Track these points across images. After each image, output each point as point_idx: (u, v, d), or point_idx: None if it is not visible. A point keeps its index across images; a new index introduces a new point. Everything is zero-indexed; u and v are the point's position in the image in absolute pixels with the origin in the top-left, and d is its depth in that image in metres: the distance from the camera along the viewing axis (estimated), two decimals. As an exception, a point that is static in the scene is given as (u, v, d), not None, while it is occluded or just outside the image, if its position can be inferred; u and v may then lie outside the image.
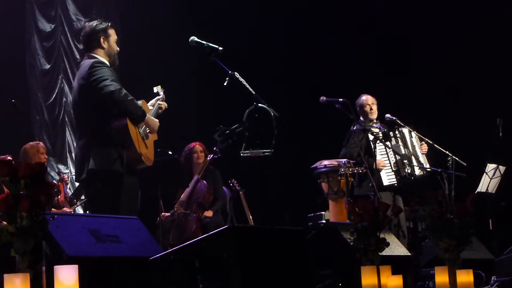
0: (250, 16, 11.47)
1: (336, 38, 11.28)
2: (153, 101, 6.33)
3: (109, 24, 6.10)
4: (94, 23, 6.11)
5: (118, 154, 5.71)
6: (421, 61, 11.01)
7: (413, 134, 8.39)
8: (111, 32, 6.06)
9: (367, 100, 8.40)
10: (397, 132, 8.30)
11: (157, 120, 6.11)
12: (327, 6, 11.43)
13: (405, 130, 8.36)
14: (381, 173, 8.10)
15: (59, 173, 10.22)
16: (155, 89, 6.45)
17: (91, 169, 5.68)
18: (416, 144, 8.41)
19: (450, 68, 10.76)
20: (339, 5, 11.42)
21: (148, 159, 5.92)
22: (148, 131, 6.04)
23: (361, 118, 8.38)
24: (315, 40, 11.54)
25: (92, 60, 5.89)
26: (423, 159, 8.38)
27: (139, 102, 5.95)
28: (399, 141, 8.27)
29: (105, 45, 6.01)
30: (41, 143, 8.38)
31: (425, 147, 8.39)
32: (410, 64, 11.03)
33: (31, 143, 8.20)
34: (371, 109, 8.35)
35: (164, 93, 6.45)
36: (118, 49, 6.11)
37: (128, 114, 5.78)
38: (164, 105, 6.33)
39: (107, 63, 5.96)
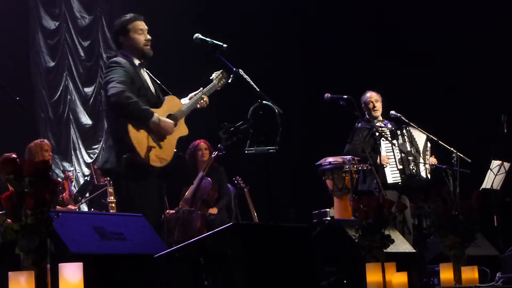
0: (254, 15, 11.47)
1: (339, 35, 11.27)
2: (192, 94, 6.11)
3: (128, 18, 5.93)
4: (116, 22, 6.03)
5: (117, 157, 5.64)
6: (425, 57, 10.99)
7: (429, 144, 8.32)
8: (131, 26, 5.88)
9: (371, 97, 8.36)
10: (404, 130, 8.26)
11: (170, 121, 5.80)
12: (330, 4, 11.43)
13: (423, 137, 8.28)
14: (386, 170, 8.07)
15: (64, 170, 10.23)
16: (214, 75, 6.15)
17: (101, 167, 6.00)
18: (428, 153, 8.33)
19: (455, 64, 10.74)
20: (342, 3, 11.41)
21: (160, 160, 5.77)
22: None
23: (367, 115, 8.35)
24: (319, 37, 11.53)
25: (110, 60, 5.92)
26: (428, 167, 8.29)
27: (166, 98, 5.86)
28: (406, 139, 8.23)
29: (127, 42, 5.89)
30: (46, 141, 8.38)
31: (433, 160, 8.31)
32: (413, 60, 11.01)
33: (36, 141, 8.20)
34: (374, 106, 8.31)
35: (220, 79, 6.13)
36: (147, 37, 5.91)
37: (129, 117, 5.63)
38: (205, 100, 6.10)
39: (133, 59, 5.86)
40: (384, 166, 8.05)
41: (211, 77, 6.15)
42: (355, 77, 10.61)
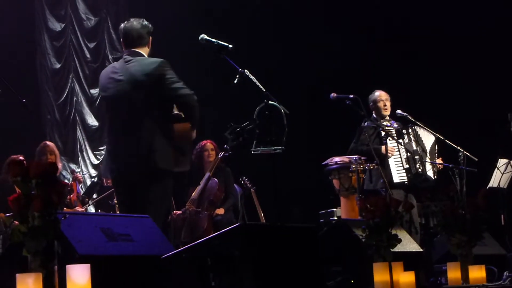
0: (258, 16, 11.47)
1: (344, 35, 11.26)
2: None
3: (151, 27, 6.03)
4: (143, 21, 5.87)
5: (178, 156, 5.64)
6: (432, 57, 10.99)
7: (436, 146, 8.29)
8: (150, 36, 5.99)
9: (381, 96, 8.32)
10: (410, 130, 8.23)
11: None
12: (333, 4, 11.43)
13: (430, 136, 8.25)
14: (392, 170, 8.03)
15: (73, 171, 10.25)
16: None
17: (156, 166, 5.51)
18: (435, 153, 8.30)
19: (461, 62, 10.72)
20: (346, 2, 11.42)
21: (185, 165, 5.82)
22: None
23: (374, 115, 8.31)
24: (324, 36, 11.53)
25: (159, 60, 5.71)
26: (435, 167, 8.27)
27: None
28: (412, 138, 8.21)
29: (149, 46, 5.90)
30: (48, 143, 8.40)
31: (440, 161, 8.28)
32: (420, 60, 11.00)
33: (41, 143, 8.26)
34: (384, 105, 8.26)
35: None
36: None
37: (192, 119, 5.71)
38: None
39: None
40: (389, 156, 7.98)
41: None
42: (360, 76, 10.61)
